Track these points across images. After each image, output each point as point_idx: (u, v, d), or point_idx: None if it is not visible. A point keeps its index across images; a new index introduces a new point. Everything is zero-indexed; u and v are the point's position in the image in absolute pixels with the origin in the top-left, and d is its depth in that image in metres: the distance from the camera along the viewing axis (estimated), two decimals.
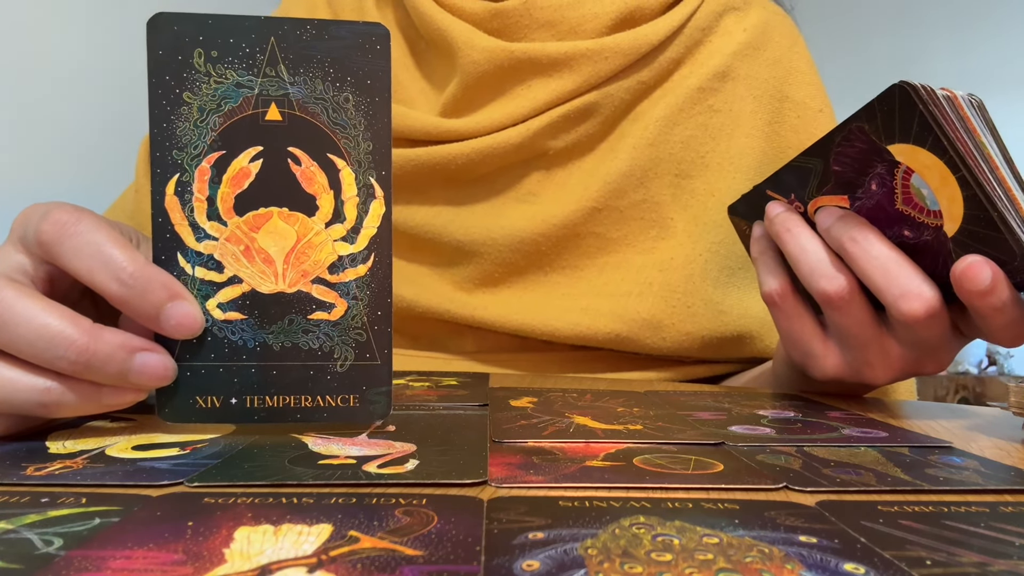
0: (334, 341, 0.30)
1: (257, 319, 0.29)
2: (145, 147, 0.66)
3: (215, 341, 0.29)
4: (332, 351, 0.30)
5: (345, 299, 0.30)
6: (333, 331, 0.30)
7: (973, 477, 0.25)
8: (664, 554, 0.18)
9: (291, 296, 0.29)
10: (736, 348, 0.57)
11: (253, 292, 0.29)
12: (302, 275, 0.29)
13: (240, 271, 0.29)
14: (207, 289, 0.29)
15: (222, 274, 0.29)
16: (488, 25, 0.59)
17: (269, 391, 0.29)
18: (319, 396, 0.29)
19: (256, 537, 0.18)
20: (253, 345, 0.29)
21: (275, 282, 0.29)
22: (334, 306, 0.30)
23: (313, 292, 0.29)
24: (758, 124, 0.60)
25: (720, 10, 0.61)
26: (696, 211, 0.58)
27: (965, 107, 0.33)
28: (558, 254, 0.57)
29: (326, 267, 0.29)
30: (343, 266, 0.30)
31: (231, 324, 0.29)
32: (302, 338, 0.29)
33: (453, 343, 0.59)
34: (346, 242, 0.30)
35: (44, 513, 0.19)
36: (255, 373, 0.29)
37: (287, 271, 0.29)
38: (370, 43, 0.29)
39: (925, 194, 0.35)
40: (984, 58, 3.01)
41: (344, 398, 0.30)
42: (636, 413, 0.35)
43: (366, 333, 0.30)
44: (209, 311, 0.29)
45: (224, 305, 0.29)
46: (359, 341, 0.30)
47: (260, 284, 0.29)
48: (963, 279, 0.33)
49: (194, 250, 0.29)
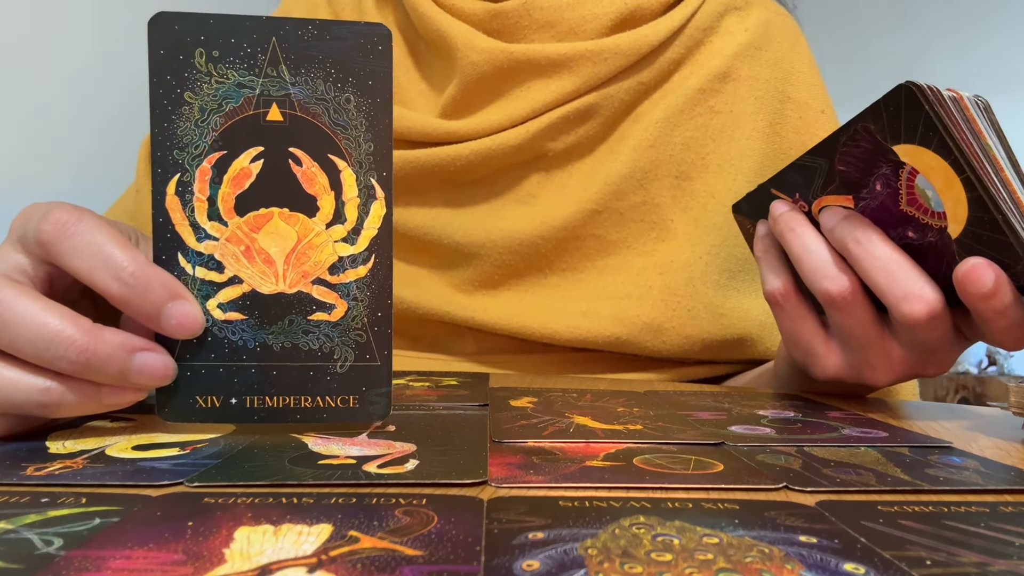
0: (334, 342, 0.30)
1: (257, 319, 0.29)
2: (146, 147, 0.66)
3: (215, 341, 0.29)
4: (332, 352, 0.30)
5: (345, 300, 0.30)
6: (333, 332, 0.30)
7: (973, 477, 0.25)
8: (664, 554, 0.18)
9: (291, 297, 0.29)
10: (736, 351, 0.57)
11: (253, 292, 0.29)
12: (302, 276, 0.29)
13: (240, 271, 0.29)
14: (207, 289, 0.29)
15: (222, 274, 0.29)
16: (487, 26, 0.59)
17: (269, 391, 0.29)
18: (319, 397, 0.29)
19: (256, 537, 0.18)
20: (253, 345, 0.29)
21: (275, 283, 0.29)
22: (334, 307, 0.30)
23: (313, 293, 0.29)
24: (759, 125, 0.60)
25: (721, 10, 0.61)
26: (696, 213, 0.58)
27: (971, 108, 0.33)
28: (558, 256, 0.57)
29: (327, 268, 0.29)
30: (343, 267, 0.30)
31: (231, 324, 0.29)
32: (302, 339, 0.29)
33: (453, 344, 0.59)
34: (347, 243, 0.30)
35: (44, 513, 0.19)
36: (255, 373, 0.29)
37: (287, 272, 0.29)
38: (372, 44, 0.29)
39: (930, 195, 0.35)
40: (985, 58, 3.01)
41: (344, 399, 0.30)
42: (636, 413, 0.35)
43: (366, 334, 0.30)
44: (209, 311, 0.29)
45: (224, 305, 0.29)
46: (359, 342, 0.30)
47: (260, 284, 0.29)
48: (966, 282, 0.33)
49: (195, 250, 0.29)
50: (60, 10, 1.17)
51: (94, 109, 1.22)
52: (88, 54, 1.21)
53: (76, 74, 1.18)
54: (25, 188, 1.06)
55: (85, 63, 1.20)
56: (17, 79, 1.10)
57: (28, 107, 1.12)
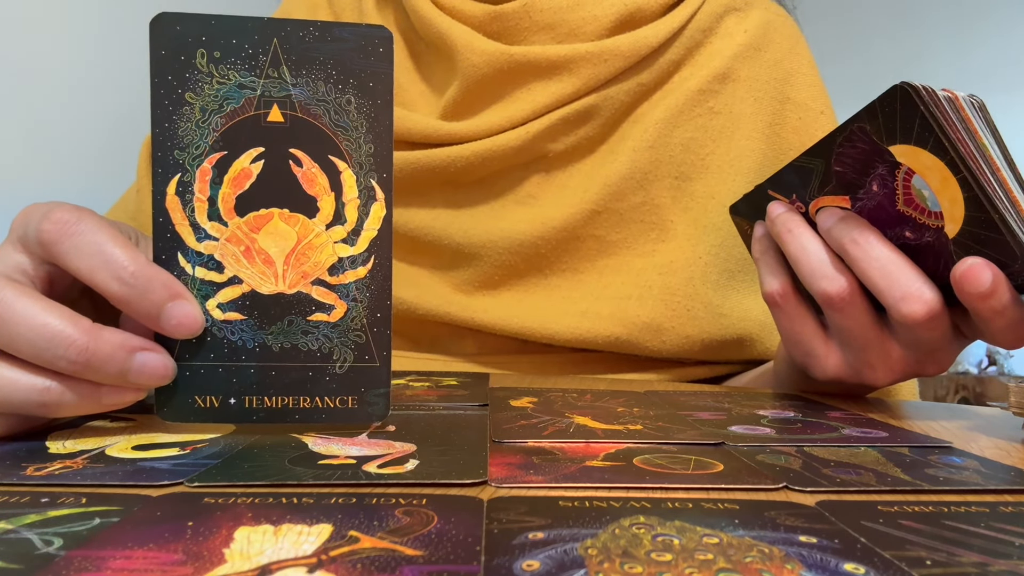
0: (333, 343, 0.30)
1: (257, 320, 0.29)
2: (146, 147, 0.66)
3: (215, 341, 0.29)
4: (331, 352, 0.30)
5: (345, 301, 0.30)
6: (332, 332, 0.30)
7: (973, 477, 0.25)
8: (664, 554, 0.18)
9: (291, 297, 0.29)
10: (736, 351, 0.57)
11: (253, 293, 0.29)
12: (302, 276, 0.29)
13: (240, 271, 0.29)
14: (207, 289, 0.29)
15: (222, 274, 0.29)
16: (488, 28, 0.59)
17: (268, 392, 0.29)
18: (317, 397, 0.30)
19: (256, 537, 0.18)
20: (252, 345, 0.29)
21: (275, 283, 0.29)
22: (333, 307, 0.30)
23: (313, 293, 0.29)
24: (759, 126, 0.60)
25: (721, 11, 0.61)
26: (696, 214, 0.58)
27: (966, 108, 0.33)
28: (558, 257, 0.57)
29: (326, 269, 0.29)
30: (343, 268, 0.30)
31: (231, 324, 0.29)
32: (301, 339, 0.29)
33: (454, 345, 0.59)
34: (346, 244, 0.30)
35: (44, 513, 0.19)
36: (254, 373, 0.29)
37: (287, 272, 0.29)
38: (373, 45, 0.29)
39: (926, 195, 0.35)
40: (984, 58, 3.01)
41: (343, 399, 0.30)
42: (636, 413, 0.35)
43: (365, 335, 0.30)
44: (209, 311, 0.29)
45: (224, 305, 0.29)
46: (358, 343, 0.30)
47: (260, 285, 0.29)
48: (963, 281, 0.33)
49: (195, 250, 0.29)
50: (61, 11, 1.17)
51: (95, 109, 1.22)
52: (90, 55, 1.21)
53: (78, 75, 1.18)
54: (26, 188, 1.06)
55: (87, 64, 1.20)
56: (18, 80, 1.10)
57: (29, 108, 1.12)
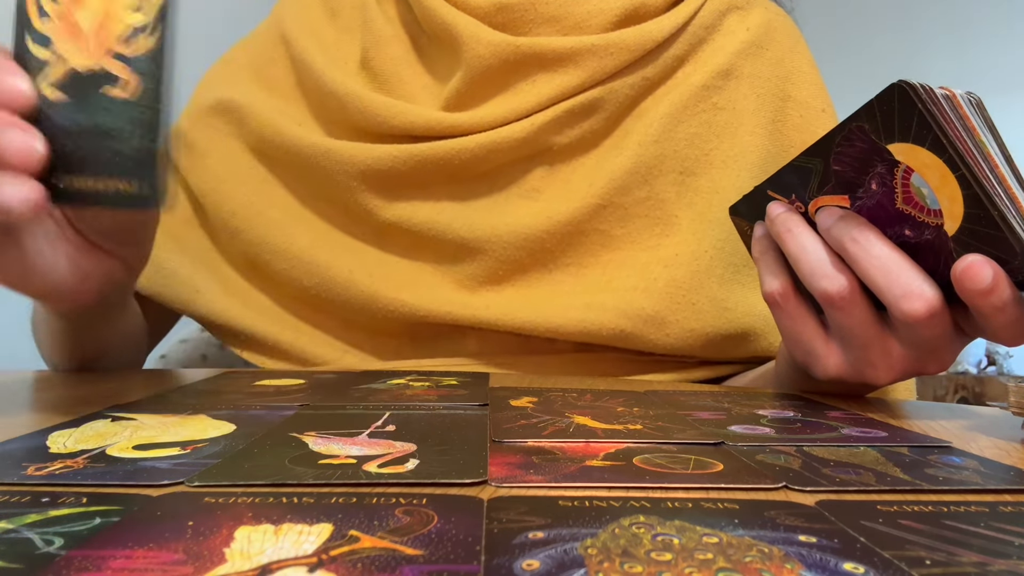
0: (124, 119, 0.30)
1: (75, 99, 0.30)
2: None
3: (49, 124, 0.30)
4: (123, 131, 0.30)
5: (137, 75, 0.30)
6: (124, 109, 0.30)
7: (973, 477, 0.25)
8: (664, 554, 0.18)
9: (97, 72, 0.30)
10: (740, 346, 0.57)
11: (73, 71, 0.30)
12: (104, 49, 0.30)
13: (62, 47, 0.30)
14: (42, 67, 0.30)
15: (51, 51, 0.30)
16: (493, 19, 0.59)
17: (84, 172, 0.30)
18: (113, 178, 0.30)
19: (256, 537, 0.18)
20: (71, 125, 0.30)
21: (86, 58, 0.30)
22: (128, 82, 0.30)
23: (111, 68, 0.30)
24: (761, 122, 0.60)
25: (723, 9, 0.62)
26: (701, 208, 0.58)
27: (964, 105, 0.33)
28: (562, 251, 0.57)
29: (122, 39, 0.30)
30: (135, 39, 0.30)
31: (57, 106, 0.30)
32: (102, 117, 0.30)
33: (455, 345, 0.59)
34: (138, 12, 0.30)
35: (45, 513, 0.19)
36: (73, 154, 0.30)
37: (94, 45, 0.30)
38: None
39: (925, 193, 0.35)
40: (984, 58, 3.01)
41: (130, 181, 0.30)
42: (636, 413, 0.35)
43: (153, 114, 0.30)
44: (43, 91, 0.30)
45: (52, 84, 0.30)
46: (148, 122, 0.30)
47: (76, 59, 0.30)
48: (964, 278, 0.33)
49: (38, 30, 0.30)
50: None
51: None
52: None
53: None
54: None
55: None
56: None
57: None
